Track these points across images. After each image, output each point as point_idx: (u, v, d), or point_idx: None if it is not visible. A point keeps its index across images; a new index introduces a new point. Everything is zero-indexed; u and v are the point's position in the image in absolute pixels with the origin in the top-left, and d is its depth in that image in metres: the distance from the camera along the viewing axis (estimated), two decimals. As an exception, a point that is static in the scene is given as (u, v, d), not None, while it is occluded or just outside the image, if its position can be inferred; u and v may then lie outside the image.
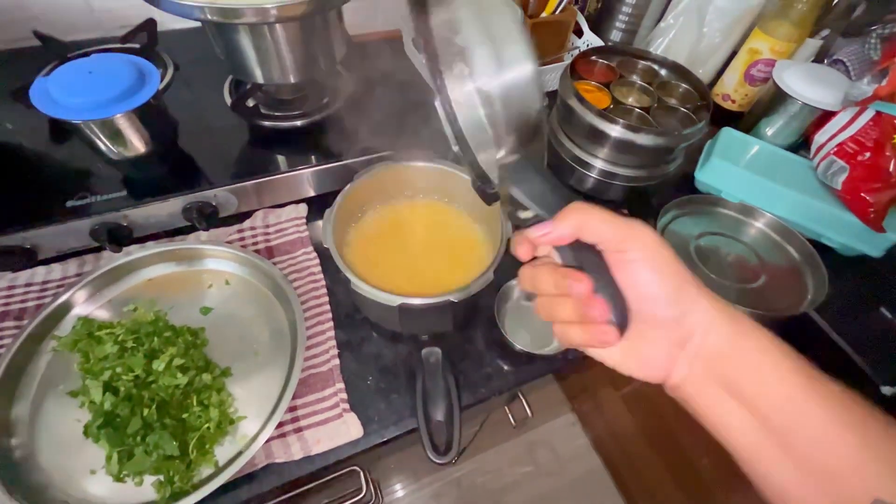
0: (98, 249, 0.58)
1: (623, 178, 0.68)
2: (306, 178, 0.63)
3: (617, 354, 0.27)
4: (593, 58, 0.73)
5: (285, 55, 0.57)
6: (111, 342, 0.48)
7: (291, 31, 0.55)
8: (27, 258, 0.53)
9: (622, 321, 0.25)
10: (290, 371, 0.50)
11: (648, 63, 0.73)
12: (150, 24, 0.71)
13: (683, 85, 0.70)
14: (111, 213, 0.53)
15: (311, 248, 0.62)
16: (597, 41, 0.87)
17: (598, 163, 0.69)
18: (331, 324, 0.55)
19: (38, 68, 0.66)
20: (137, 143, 0.52)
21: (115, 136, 0.50)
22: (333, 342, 0.54)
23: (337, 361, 0.53)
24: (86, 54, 0.69)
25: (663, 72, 0.72)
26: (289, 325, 0.54)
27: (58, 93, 0.46)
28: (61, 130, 0.60)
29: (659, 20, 0.86)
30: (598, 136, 0.64)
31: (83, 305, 0.54)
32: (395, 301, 0.44)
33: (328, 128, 0.66)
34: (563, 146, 0.71)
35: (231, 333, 0.54)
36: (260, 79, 0.59)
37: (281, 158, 0.62)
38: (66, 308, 0.53)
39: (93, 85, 0.47)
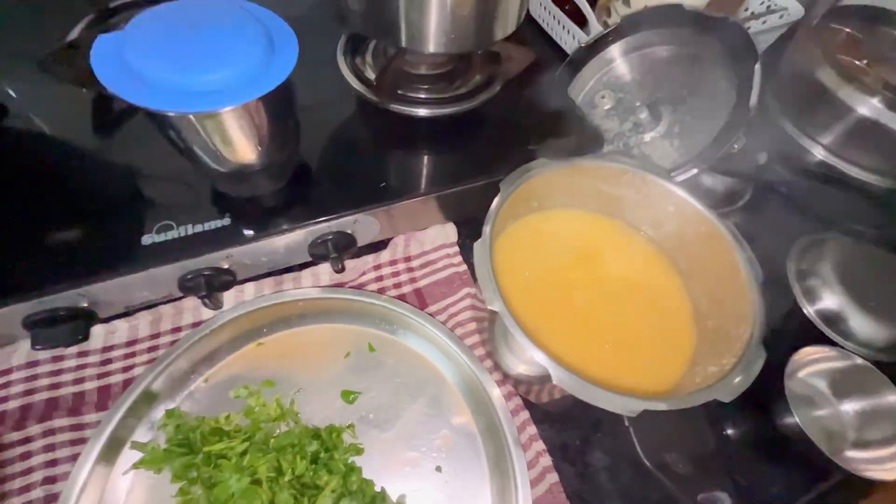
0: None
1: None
2: (458, 198, 0.44)
3: None
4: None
5: (454, 10, 0.37)
6: (233, 468, 0.30)
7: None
8: (86, 322, 0.34)
9: None
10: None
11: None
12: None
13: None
14: (211, 253, 0.35)
15: (475, 289, 0.44)
16: None
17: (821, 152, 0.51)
18: (525, 413, 0.38)
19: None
20: (249, 146, 0.33)
21: (226, 136, 0.31)
22: (540, 444, 0.36)
23: (554, 478, 0.35)
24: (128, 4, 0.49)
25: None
26: (476, 418, 0.37)
27: (142, 60, 0.27)
28: (110, 113, 0.41)
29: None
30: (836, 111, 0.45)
31: (170, 395, 0.36)
32: (634, 407, 0.26)
33: (488, 122, 0.47)
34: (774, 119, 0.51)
35: (395, 434, 0.36)
36: (403, 40, 0.39)
37: (428, 161, 0.43)
38: (148, 398, 0.35)
39: (198, 50, 0.27)
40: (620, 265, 0.40)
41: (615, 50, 0.53)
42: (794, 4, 0.65)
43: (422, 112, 0.45)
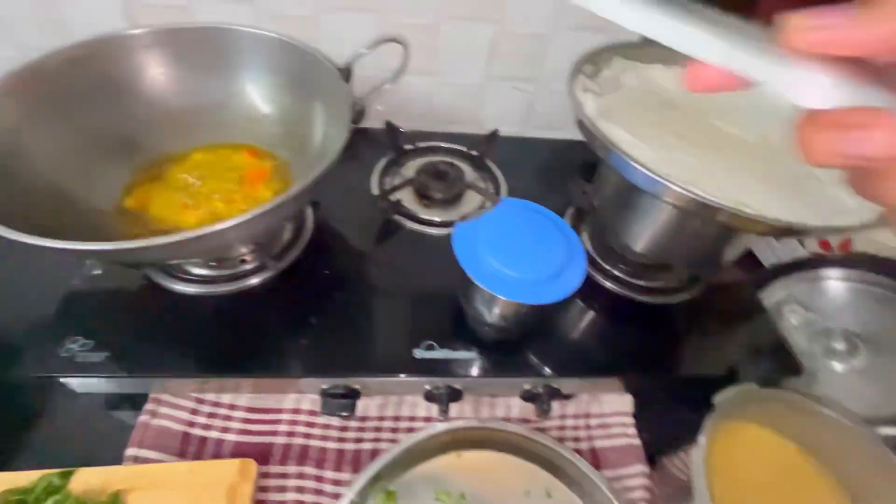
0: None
1: None
2: (651, 380, 0.49)
3: None
4: None
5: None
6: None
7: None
8: (353, 401, 0.45)
9: None
10: None
11: None
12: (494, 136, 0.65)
13: None
14: (456, 376, 0.44)
15: (647, 467, 0.47)
16: None
17: None
18: None
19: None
20: (519, 314, 0.43)
21: (514, 311, 0.41)
22: None
23: None
24: (414, 150, 0.65)
25: None
26: None
27: (484, 249, 0.38)
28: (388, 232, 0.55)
29: None
30: None
31: (387, 478, 0.44)
32: None
33: (684, 320, 0.53)
34: None
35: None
36: (641, 249, 0.48)
37: (629, 343, 0.50)
38: (376, 476, 0.43)
39: (528, 255, 0.38)
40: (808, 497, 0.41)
41: (818, 273, 0.57)
42: None
43: (634, 297, 0.52)
